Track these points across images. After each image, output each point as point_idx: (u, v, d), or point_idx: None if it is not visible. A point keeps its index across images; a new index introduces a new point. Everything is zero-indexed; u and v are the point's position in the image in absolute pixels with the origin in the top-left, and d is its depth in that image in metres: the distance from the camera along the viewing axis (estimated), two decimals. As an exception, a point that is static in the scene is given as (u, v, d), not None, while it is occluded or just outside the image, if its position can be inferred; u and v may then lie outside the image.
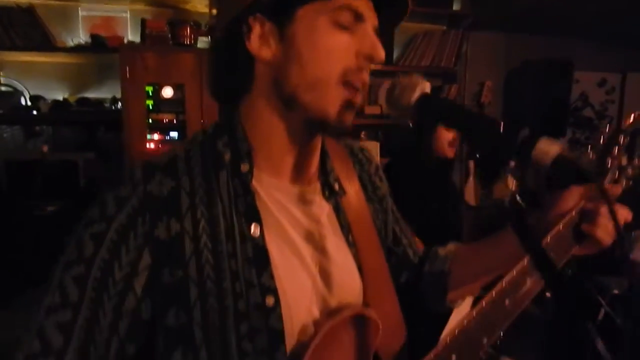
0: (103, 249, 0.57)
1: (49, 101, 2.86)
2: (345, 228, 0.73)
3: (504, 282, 0.69)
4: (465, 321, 0.67)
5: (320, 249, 0.68)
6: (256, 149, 0.65)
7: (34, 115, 2.79)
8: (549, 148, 0.44)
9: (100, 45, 2.76)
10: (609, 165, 0.79)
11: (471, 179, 3.28)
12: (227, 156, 0.64)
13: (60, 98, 2.91)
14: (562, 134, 3.35)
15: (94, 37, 2.78)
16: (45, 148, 2.71)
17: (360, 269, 0.72)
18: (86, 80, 2.99)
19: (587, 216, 0.73)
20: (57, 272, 0.58)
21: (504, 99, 3.50)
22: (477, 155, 0.49)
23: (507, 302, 0.69)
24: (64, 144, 2.92)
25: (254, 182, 0.64)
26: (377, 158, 0.83)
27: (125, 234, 0.58)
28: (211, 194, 0.62)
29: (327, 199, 0.72)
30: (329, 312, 0.66)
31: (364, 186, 0.79)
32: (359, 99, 0.63)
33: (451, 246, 0.87)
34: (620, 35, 3.55)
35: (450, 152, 2.17)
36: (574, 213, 0.74)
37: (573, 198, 0.75)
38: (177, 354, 0.60)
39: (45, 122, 2.91)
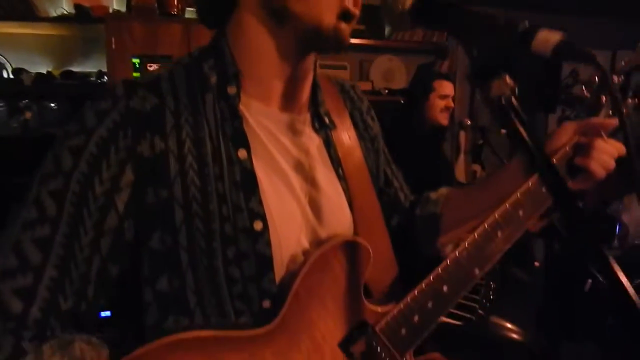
0: (82, 163, 0.55)
1: (33, 74, 2.79)
2: (336, 161, 0.72)
3: (496, 215, 0.69)
4: (457, 252, 0.67)
5: (310, 179, 0.67)
6: (244, 73, 0.63)
7: (17, 88, 2.72)
8: (549, 36, 0.43)
9: (85, 16, 2.69)
10: (604, 102, 0.79)
11: (462, 156, 3.29)
12: (214, 79, 0.62)
13: (44, 71, 2.84)
14: (552, 111, 3.35)
15: (77, 7, 2.71)
16: (29, 116, 2.65)
17: (350, 204, 0.71)
18: (71, 53, 2.92)
19: (581, 150, 0.73)
20: (33, 186, 0.56)
21: (496, 75, 3.49)
22: (475, 53, 0.48)
23: (499, 234, 0.69)
24: (48, 119, 2.85)
25: (242, 107, 0.63)
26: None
27: (105, 148, 0.56)
28: (197, 116, 0.60)
29: (317, 131, 0.71)
30: (318, 243, 0.65)
31: (355, 124, 0.78)
32: (357, 10, 0.61)
33: (443, 190, 0.87)
34: (610, 12, 3.55)
35: (443, 119, 2.18)
36: (567, 148, 0.74)
37: (567, 133, 0.75)
38: (163, 279, 0.59)
39: (29, 96, 2.84)
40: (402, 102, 2.37)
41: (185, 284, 0.59)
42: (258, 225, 0.60)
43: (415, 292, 0.65)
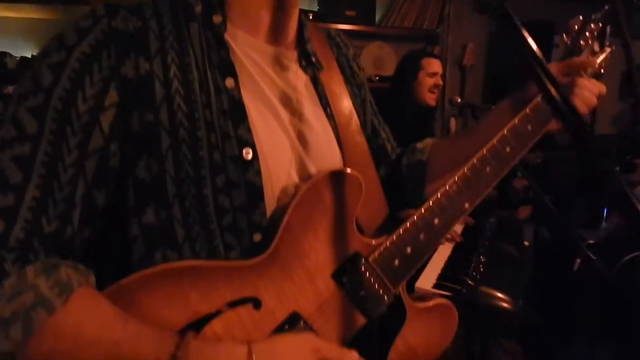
0: (63, 78, 0.53)
1: (17, 58, 2.75)
2: (324, 100, 0.72)
3: (484, 150, 0.70)
4: (447, 186, 0.68)
5: (298, 114, 0.67)
6: (229, 1, 0.63)
7: (1, 72, 2.68)
8: None
9: (71, -3, 2.66)
10: (583, 45, 0.81)
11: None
12: (198, 8, 0.62)
13: (29, 55, 2.80)
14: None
15: (63, -12, 2.67)
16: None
17: (340, 143, 0.71)
18: (56, 36, 2.88)
19: (565, 87, 0.74)
20: (9, 106, 0.53)
21: (486, 61, 3.52)
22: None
23: (488, 169, 0.70)
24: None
25: (228, 38, 0.62)
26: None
27: (88, 64, 0.54)
28: (182, 43, 0.60)
29: (305, 69, 0.71)
30: (309, 178, 0.65)
31: (342, 69, 0.79)
32: None
33: (429, 140, 0.88)
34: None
35: (431, 100, 2.19)
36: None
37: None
38: (149, 212, 0.58)
39: (13, 81, 2.79)
40: (390, 83, 2.37)
41: (172, 215, 0.58)
42: (247, 154, 0.60)
43: (408, 224, 0.66)
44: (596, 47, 0.83)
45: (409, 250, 0.66)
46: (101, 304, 0.52)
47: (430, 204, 0.67)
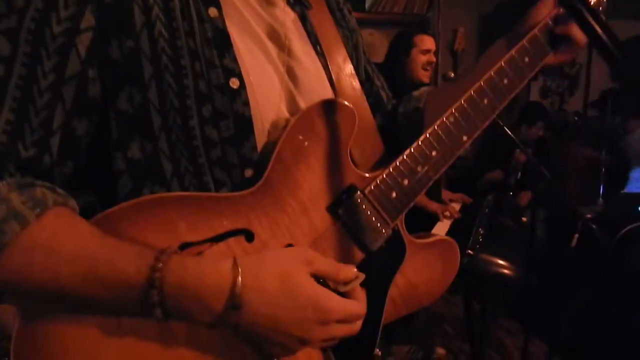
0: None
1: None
2: (313, 37, 0.70)
3: (482, 82, 0.68)
4: (444, 117, 0.66)
5: (287, 50, 0.65)
6: None
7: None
8: None
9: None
10: None
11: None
12: None
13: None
14: (534, 78, 3.42)
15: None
16: None
17: (331, 81, 0.69)
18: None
19: (562, 20, 0.73)
20: None
21: (479, 45, 3.53)
22: None
23: (485, 101, 0.68)
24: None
25: None
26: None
27: None
28: None
29: (292, 6, 0.69)
30: None
31: (331, 10, 0.77)
32: None
33: (425, 88, 0.86)
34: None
35: (424, 77, 2.18)
36: (548, 20, 0.74)
37: (547, 6, 0.75)
38: (134, 146, 0.56)
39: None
40: (383, 62, 2.36)
41: (158, 149, 0.56)
42: (234, 83, 0.58)
43: (404, 156, 0.64)
44: None
45: (406, 182, 0.64)
46: (77, 222, 0.50)
47: (427, 135, 0.65)
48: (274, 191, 0.59)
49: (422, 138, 0.65)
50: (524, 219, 2.25)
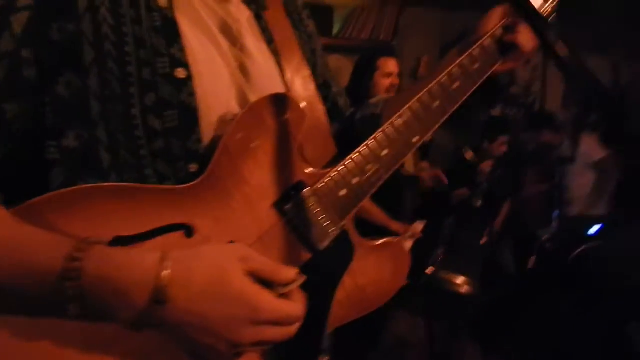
0: None
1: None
2: (267, 36, 0.70)
3: (433, 85, 0.70)
4: (396, 117, 0.67)
5: (239, 45, 0.65)
6: None
7: None
8: None
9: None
10: None
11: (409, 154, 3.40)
12: None
13: None
14: (493, 107, 3.58)
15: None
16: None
17: (284, 80, 0.69)
18: None
19: (510, 29, 0.76)
20: None
21: (440, 73, 3.67)
22: None
23: (437, 103, 0.70)
24: None
25: None
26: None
27: None
28: None
29: (248, 4, 0.69)
30: None
31: (288, 13, 0.77)
32: None
33: (382, 95, 0.88)
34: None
35: None
36: (498, 28, 0.77)
37: (497, 16, 0.79)
38: (70, 134, 0.53)
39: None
40: (347, 86, 2.40)
41: (96, 138, 0.54)
42: (181, 73, 0.56)
43: (355, 154, 0.64)
44: None
45: (355, 181, 0.64)
46: None
47: (378, 135, 0.65)
48: (219, 185, 0.57)
49: (373, 137, 0.65)
50: (485, 239, 2.30)
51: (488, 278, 1.82)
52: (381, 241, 0.70)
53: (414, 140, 0.68)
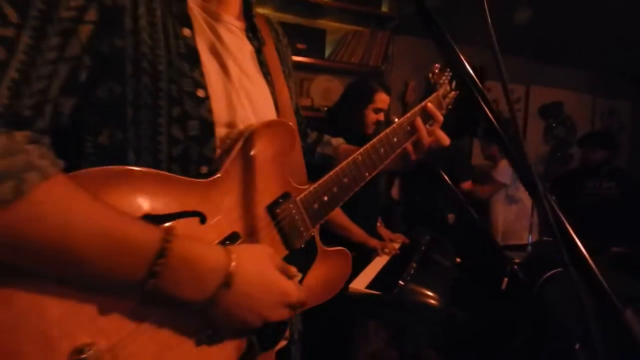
0: None
1: None
2: (265, 68, 0.89)
3: (380, 136, 0.94)
4: (354, 156, 0.90)
5: (244, 72, 0.83)
6: None
7: None
8: None
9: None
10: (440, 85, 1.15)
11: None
12: None
13: None
14: (475, 135, 3.85)
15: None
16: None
17: (276, 107, 0.89)
18: None
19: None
20: None
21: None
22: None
23: (382, 150, 0.92)
24: None
25: None
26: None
27: None
28: None
29: (250, 40, 0.88)
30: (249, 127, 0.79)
31: (277, 50, 0.97)
32: None
33: (340, 140, 1.13)
34: (525, 51, 4.16)
35: (369, 130, 2.32)
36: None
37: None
38: (105, 133, 0.65)
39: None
40: (338, 104, 2.57)
41: (127, 138, 0.65)
42: (201, 93, 0.72)
43: (324, 178, 0.85)
44: (448, 88, 1.19)
45: (325, 198, 0.84)
46: (82, 187, 0.56)
47: (342, 166, 0.87)
48: (227, 185, 0.73)
49: (337, 168, 0.87)
50: (458, 259, 2.48)
51: (458, 297, 2.00)
52: (334, 248, 0.91)
53: (366, 174, 0.91)
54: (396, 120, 2.92)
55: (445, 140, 1.04)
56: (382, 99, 2.35)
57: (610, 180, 3.68)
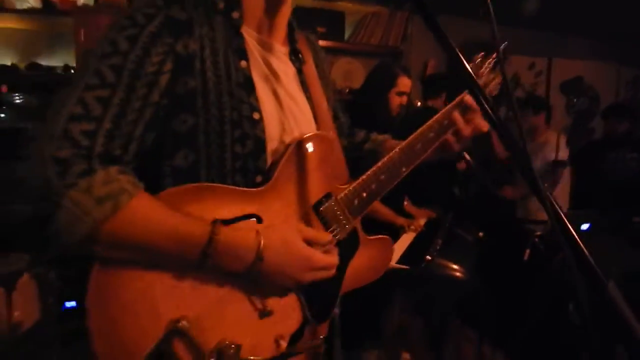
0: (137, 48, 0.76)
1: (-3, 66, 2.91)
2: (305, 87, 1.03)
3: (417, 133, 1.05)
4: (390, 154, 1.01)
5: (289, 94, 0.97)
6: (244, 5, 0.90)
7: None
8: None
9: (51, 9, 2.85)
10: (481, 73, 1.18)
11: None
12: (221, 5, 0.88)
13: (9, 63, 2.96)
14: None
15: (45, 0, 2.87)
16: None
17: (316, 120, 1.02)
18: (37, 47, 3.05)
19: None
20: (91, 63, 0.75)
21: (446, 76, 3.95)
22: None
23: (419, 146, 1.04)
24: (14, 111, 2.97)
25: (242, 30, 0.89)
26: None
27: (154, 40, 0.77)
28: (211, 31, 0.85)
29: (293, 62, 1.02)
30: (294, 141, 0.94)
31: (316, 65, 1.09)
32: None
33: (387, 136, 1.25)
34: (547, 24, 4.13)
35: (395, 113, 2.42)
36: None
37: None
38: (180, 156, 0.81)
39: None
40: (362, 90, 2.65)
41: (199, 159, 0.81)
42: (256, 116, 0.87)
43: (363, 177, 0.98)
44: (491, 76, 1.21)
45: (364, 194, 0.97)
46: (157, 199, 0.76)
47: (378, 165, 1.00)
48: (278, 191, 0.88)
49: (375, 166, 0.99)
50: (481, 234, 2.61)
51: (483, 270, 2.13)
52: (376, 237, 1.05)
53: (402, 170, 1.03)
54: (419, 103, 3.01)
55: (485, 126, 1.06)
56: (404, 83, 2.45)
57: (633, 151, 3.69)
